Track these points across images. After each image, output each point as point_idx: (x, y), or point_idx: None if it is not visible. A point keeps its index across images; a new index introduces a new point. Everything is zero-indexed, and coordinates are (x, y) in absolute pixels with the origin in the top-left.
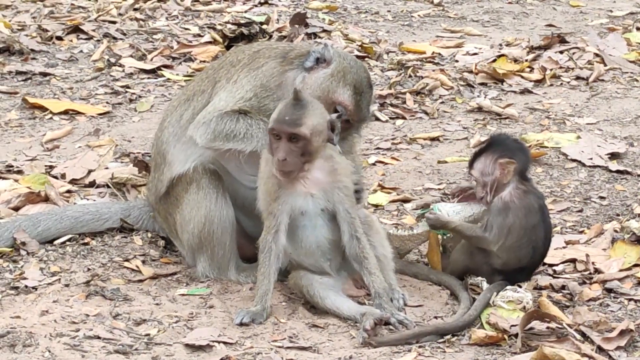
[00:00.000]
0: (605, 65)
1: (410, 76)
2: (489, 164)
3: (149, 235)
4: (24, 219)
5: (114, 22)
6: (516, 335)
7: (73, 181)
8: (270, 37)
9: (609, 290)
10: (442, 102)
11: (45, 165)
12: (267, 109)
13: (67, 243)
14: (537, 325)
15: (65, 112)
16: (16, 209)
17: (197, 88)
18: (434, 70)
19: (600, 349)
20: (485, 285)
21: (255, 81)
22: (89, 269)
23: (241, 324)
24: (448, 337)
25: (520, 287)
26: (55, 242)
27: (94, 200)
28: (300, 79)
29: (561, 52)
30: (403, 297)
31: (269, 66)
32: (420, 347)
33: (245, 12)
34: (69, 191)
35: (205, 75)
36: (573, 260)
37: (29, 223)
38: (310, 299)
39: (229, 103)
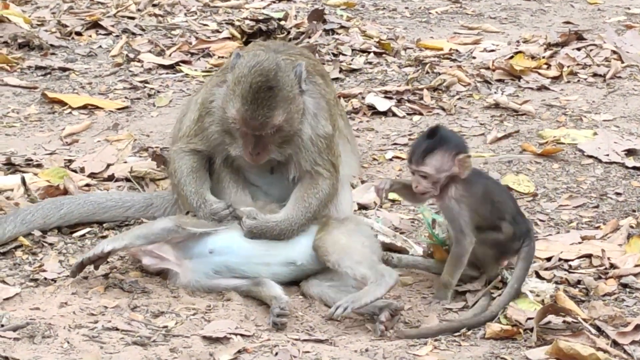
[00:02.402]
0: (623, 62)
1: (427, 72)
2: (446, 160)
3: None
4: (47, 202)
5: (133, 18)
6: (532, 329)
7: (92, 175)
8: (288, 33)
9: (625, 285)
10: (459, 99)
11: (65, 159)
12: (209, 132)
13: (87, 235)
14: (553, 319)
15: (84, 107)
16: (35, 202)
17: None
18: (451, 67)
19: (615, 343)
20: (507, 275)
21: (201, 98)
22: (107, 262)
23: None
24: (463, 330)
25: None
26: (74, 234)
27: None
28: (221, 94)
29: (578, 49)
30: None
31: (212, 81)
32: (435, 340)
33: (264, 8)
34: (87, 185)
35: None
36: (589, 256)
37: (52, 206)
38: (325, 304)
39: (184, 134)
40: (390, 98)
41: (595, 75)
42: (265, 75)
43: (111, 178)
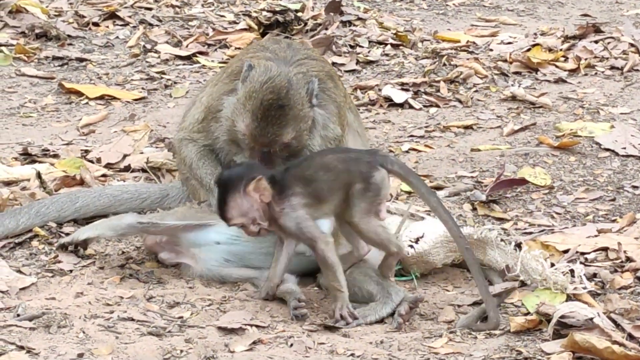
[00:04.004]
0: None
1: (444, 65)
2: (243, 200)
3: None
4: (62, 196)
5: (150, 9)
6: (549, 322)
7: (108, 165)
8: (305, 24)
9: None
10: (476, 91)
11: (81, 150)
12: (215, 137)
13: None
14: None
15: (101, 98)
16: (51, 194)
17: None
18: (468, 59)
19: (630, 337)
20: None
21: (207, 101)
22: (123, 252)
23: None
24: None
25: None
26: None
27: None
28: (230, 105)
29: (596, 42)
30: None
31: (218, 86)
32: (451, 332)
33: None
34: (104, 175)
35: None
36: (605, 249)
37: (67, 199)
38: None
39: (189, 124)
40: (407, 90)
41: (612, 68)
42: (277, 93)
43: (127, 169)
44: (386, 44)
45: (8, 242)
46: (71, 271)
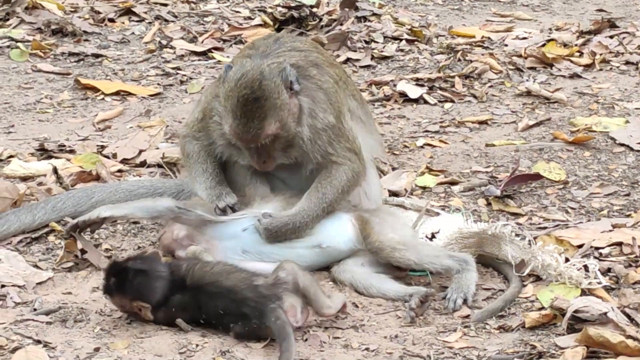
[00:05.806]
0: None
1: (459, 60)
2: (127, 303)
3: None
4: (79, 191)
5: (166, 5)
6: (563, 316)
7: (124, 161)
8: (320, 20)
9: None
10: (491, 86)
11: (97, 145)
12: (215, 142)
13: (118, 221)
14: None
15: (117, 93)
16: (67, 189)
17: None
18: (483, 54)
19: None
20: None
21: (203, 104)
22: (139, 247)
23: None
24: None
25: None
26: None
27: None
28: (217, 109)
29: (611, 37)
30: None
31: (211, 87)
32: (465, 327)
33: None
34: (120, 171)
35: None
36: (619, 244)
37: (83, 195)
38: (356, 290)
39: (191, 122)
40: (422, 85)
41: (627, 63)
42: (250, 86)
43: (143, 164)
44: (401, 40)
45: (25, 237)
46: (87, 266)
